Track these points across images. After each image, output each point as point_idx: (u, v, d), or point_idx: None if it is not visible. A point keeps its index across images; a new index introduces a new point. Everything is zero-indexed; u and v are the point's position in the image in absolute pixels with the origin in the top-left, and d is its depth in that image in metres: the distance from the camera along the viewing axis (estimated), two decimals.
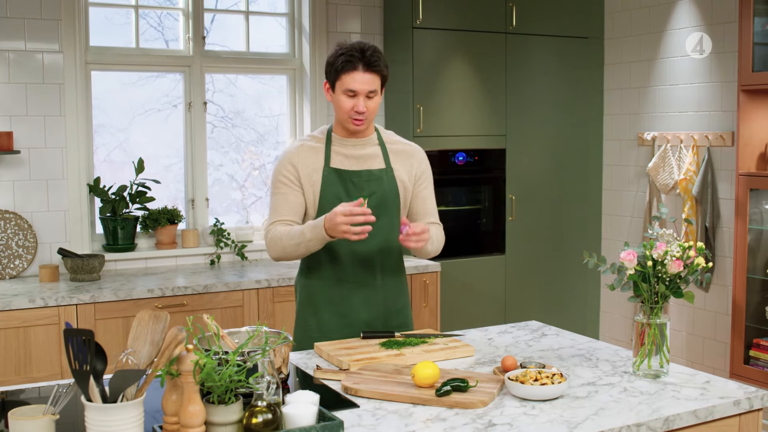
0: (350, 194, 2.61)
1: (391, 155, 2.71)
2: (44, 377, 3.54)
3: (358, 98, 2.55)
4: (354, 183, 2.62)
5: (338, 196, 2.60)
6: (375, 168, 2.67)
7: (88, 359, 1.60)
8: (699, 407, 2.01)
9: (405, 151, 2.74)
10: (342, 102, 2.57)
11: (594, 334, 5.36)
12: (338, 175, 2.63)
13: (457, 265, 4.82)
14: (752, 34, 3.96)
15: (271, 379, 1.75)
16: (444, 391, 2.04)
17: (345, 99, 2.57)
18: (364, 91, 2.55)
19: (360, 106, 2.55)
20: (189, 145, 4.58)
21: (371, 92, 2.56)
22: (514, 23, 4.91)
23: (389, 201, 2.66)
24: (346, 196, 2.61)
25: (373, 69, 2.55)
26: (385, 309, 2.72)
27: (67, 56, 4.13)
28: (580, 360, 2.44)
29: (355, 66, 2.53)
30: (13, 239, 4.04)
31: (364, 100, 2.56)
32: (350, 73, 2.54)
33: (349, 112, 2.57)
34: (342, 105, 2.58)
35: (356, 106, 2.55)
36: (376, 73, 2.56)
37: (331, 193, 2.61)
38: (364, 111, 2.56)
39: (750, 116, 4.06)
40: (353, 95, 2.55)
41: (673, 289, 2.23)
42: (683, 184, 4.57)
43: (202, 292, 3.86)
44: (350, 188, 2.61)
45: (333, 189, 2.60)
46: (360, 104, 2.55)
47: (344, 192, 2.61)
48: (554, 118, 5.14)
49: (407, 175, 2.71)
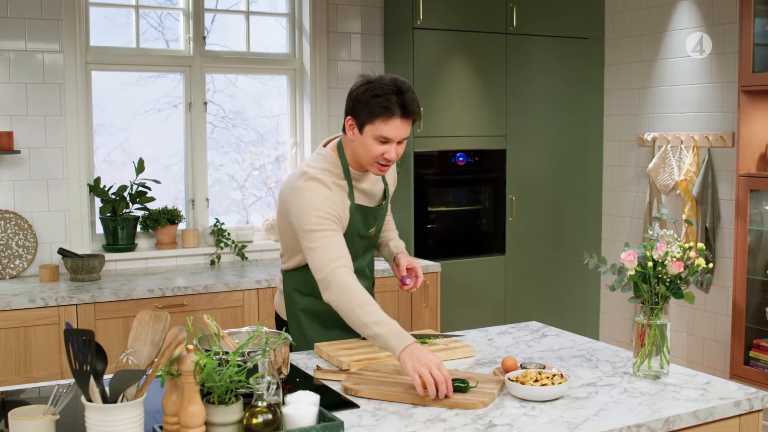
0: (368, 226, 2.60)
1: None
2: (44, 377, 3.54)
3: (391, 145, 2.35)
4: (374, 216, 2.61)
5: (358, 229, 2.55)
6: (382, 192, 2.65)
7: (89, 359, 1.60)
8: (699, 408, 2.01)
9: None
10: (371, 147, 2.35)
11: (594, 334, 5.36)
12: (362, 212, 2.54)
13: (458, 266, 4.82)
14: (753, 35, 3.96)
15: (271, 379, 1.75)
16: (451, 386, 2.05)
17: (376, 145, 2.35)
18: (399, 138, 2.35)
19: (392, 154, 2.36)
20: (189, 145, 4.58)
21: (404, 138, 2.38)
22: (515, 24, 4.91)
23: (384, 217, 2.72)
24: (364, 227, 2.58)
25: (412, 116, 2.35)
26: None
27: (67, 56, 4.13)
28: (581, 361, 2.44)
29: (393, 113, 2.31)
30: (14, 239, 4.04)
31: (395, 147, 2.36)
32: (387, 120, 2.32)
33: (378, 158, 2.37)
34: (371, 150, 2.36)
35: (387, 153, 2.35)
36: (414, 121, 2.38)
37: (354, 228, 2.53)
38: (395, 159, 2.39)
39: (750, 117, 4.06)
40: (385, 142, 2.35)
41: (673, 289, 2.22)
42: (683, 185, 4.57)
43: (202, 293, 3.86)
44: (369, 221, 2.59)
45: (357, 224, 2.54)
46: (392, 152, 2.36)
47: (363, 226, 2.57)
48: (554, 119, 5.14)
49: (392, 185, 2.74)
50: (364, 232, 2.59)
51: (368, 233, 2.61)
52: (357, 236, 2.56)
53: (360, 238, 2.58)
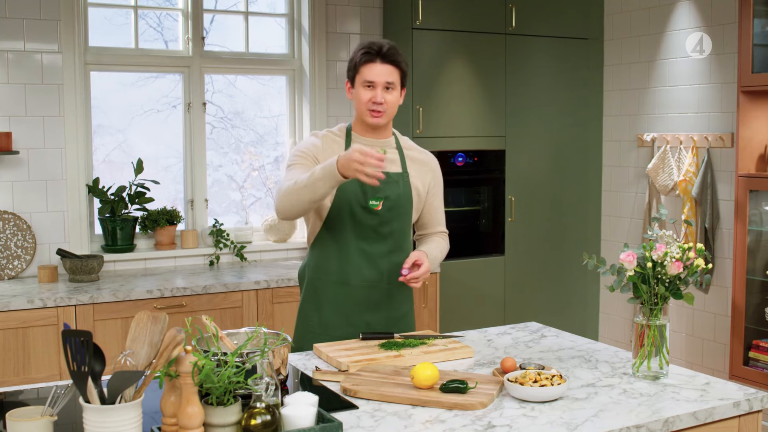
0: (366, 193, 2.60)
1: (407, 161, 2.72)
2: (43, 378, 3.54)
3: (376, 89, 2.59)
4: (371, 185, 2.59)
5: (355, 193, 2.59)
6: (392, 171, 2.67)
7: (87, 360, 1.60)
8: (699, 409, 2.01)
9: (421, 160, 2.77)
10: (361, 94, 2.61)
11: (593, 335, 5.36)
12: None
13: (457, 266, 4.82)
14: (752, 36, 3.96)
15: (270, 380, 1.74)
16: (450, 387, 2.05)
17: (363, 91, 2.60)
18: (381, 81, 2.58)
19: (378, 97, 2.58)
20: (188, 145, 4.58)
21: (389, 84, 2.60)
22: (514, 24, 4.91)
23: (403, 205, 2.67)
24: (362, 196, 2.60)
25: (391, 61, 2.60)
26: (387, 314, 2.72)
27: (66, 56, 4.13)
28: (580, 361, 2.43)
29: (373, 58, 2.59)
30: (12, 240, 4.03)
31: (382, 92, 2.59)
32: (368, 64, 2.59)
33: (367, 103, 2.60)
34: (361, 97, 2.61)
35: (374, 97, 2.58)
36: (394, 65, 2.60)
37: (346, 192, 2.59)
38: (382, 102, 2.59)
39: (749, 117, 4.06)
40: (371, 87, 2.59)
41: (672, 290, 2.22)
42: (683, 186, 4.57)
43: (201, 293, 3.86)
44: (366, 188, 2.60)
45: (349, 188, 2.59)
46: (378, 95, 2.58)
47: (360, 190, 2.60)
48: (554, 119, 5.14)
49: (421, 183, 2.73)
50: (363, 202, 2.60)
51: (370, 205, 2.60)
52: (356, 205, 2.59)
53: (361, 209, 2.60)
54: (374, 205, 2.61)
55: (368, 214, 2.62)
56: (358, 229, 2.63)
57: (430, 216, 2.81)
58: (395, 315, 2.74)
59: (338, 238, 2.63)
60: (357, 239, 2.62)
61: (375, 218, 2.63)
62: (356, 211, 2.61)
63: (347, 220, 2.62)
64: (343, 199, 2.60)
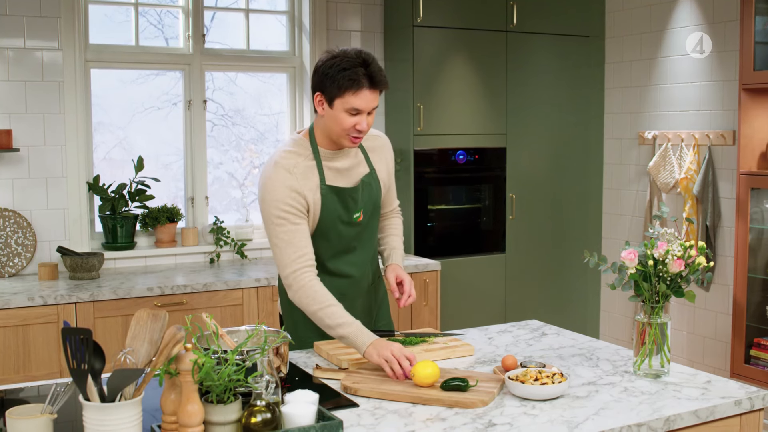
0: (349, 209, 2.53)
1: (369, 154, 2.63)
2: (43, 376, 3.54)
3: (362, 116, 2.40)
4: (353, 198, 2.54)
5: (337, 213, 2.51)
6: (364, 176, 2.58)
7: (86, 358, 1.60)
8: (700, 407, 2.00)
9: (376, 146, 2.65)
10: (342, 120, 2.39)
11: (594, 333, 5.36)
12: (336, 193, 2.51)
13: (457, 264, 4.81)
14: (753, 33, 3.95)
15: (270, 378, 1.74)
16: (451, 385, 2.04)
17: (346, 117, 2.39)
18: (369, 109, 2.40)
19: (363, 125, 2.40)
20: (189, 143, 4.58)
21: (374, 108, 2.44)
22: (515, 21, 4.90)
23: (377, 204, 2.62)
24: (345, 213, 2.53)
25: (380, 86, 2.40)
26: (376, 312, 2.73)
27: (66, 54, 4.12)
28: (581, 359, 2.43)
29: (361, 85, 2.36)
30: (12, 237, 4.03)
31: (366, 118, 2.41)
32: (357, 93, 2.36)
33: (350, 130, 2.41)
34: (342, 123, 2.40)
35: (358, 124, 2.40)
36: (382, 90, 2.43)
37: (331, 211, 2.50)
38: (366, 130, 2.42)
39: (751, 115, 4.06)
40: (356, 114, 2.39)
41: (674, 288, 2.22)
42: (684, 183, 4.56)
43: (201, 291, 3.85)
44: (349, 204, 2.54)
45: (332, 207, 2.51)
46: (363, 122, 2.40)
47: (343, 208, 2.52)
48: (555, 117, 5.14)
49: (386, 172, 2.66)
50: (346, 218, 2.52)
51: (353, 219, 2.53)
52: (339, 222, 2.51)
53: (344, 224, 2.52)
54: (357, 217, 2.55)
55: (352, 226, 2.56)
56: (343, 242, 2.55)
57: (388, 197, 2.71)
58: (377, 313, 2.73)
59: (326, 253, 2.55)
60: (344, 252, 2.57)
61: (357, 227, 2.57)
62: (340, 227, 2.53)
63: (335, 237, 2.54)
64: (329, 218, 2.51)
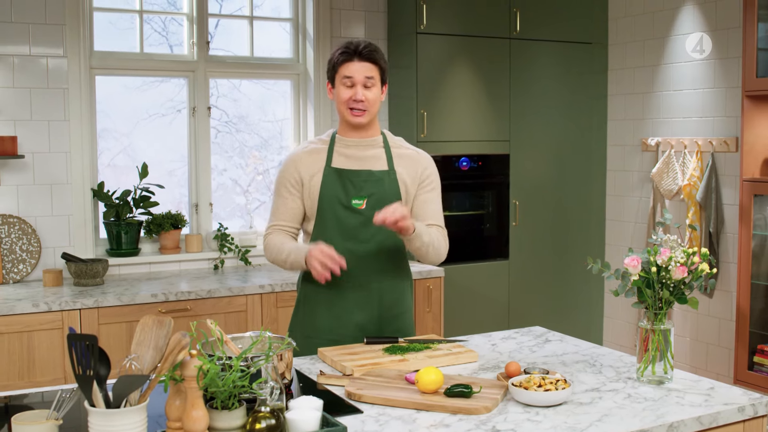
0: (348, 194, 2.60)
1: (395, 159, 2.67)
2: (48, 382, 3.54)
3: (356, 87, 2.58)
4: (353, 183, 2.61)
5: (337, 196, 2.60)
6: (376, 169, 2.64)
7: (92, 364, 1.60)
8: (703, 413, 2.00)
9: (410, 156, 2.70)
10: (341, 92, 2.60)
11: (598, 339, 5.35)
12: (338, 174, 2.62)
13: (461, 271, 4.82)
14: (756, 40, 3.95)
15: (274, 384, 1.74)
16: (454, 392, 2.04)
17: (343, 89, 2.60)
18: (361, 78, 2.57)
19: (358, 95, 2.57)
20: (193, 149, 4.59)
21: (369, 79, 2.58)
22: (518, 29, 4.91)
23: (389, 203, 2.57)
24: (344, 195, 2.60)
25: (368, 59, 2.59)
26: (379, 313, 2.69)
27: (71, 61, 4.14)
28: (584, 366, 2.43)
29: (351, 57, 2.58)
30: (17, 243, 4.04)
31: (362, 89, 2.58)
32: (346, 63, 2.58)
33: (348, 101, 2.59)
34: (341, 95, 2.61)
35: (354, 94, 2.58)
36: (372, 62, 2.59)
37: (329, 194, 2.61)
38: (362, 99, 2.57)
39: (754, 122, 4.06)
40: (351, 84, 2.58)
41: (677, 295, 2.22)
42: (687, 190, 4.56)
43: (205, 297, 3.86)
44: (349, 188, 2.60)
45: (332, 189, 2.60)
46: (358, 92, 2.57)
47: (343, 192, 2.60)
48: (558, 124, 5.14)
49: (410, 179, 2.66)
50: (345, 201, 2.60)
51: (352, 204, 2.60)
52: (338, 204, 2.60)
53: (344, 208, 2.60)
54: (357, 204, 2.60)
55: (352, 213, 2.61)
56: (342, 228, 2.61)
57: (423, 208, 2.67)
58: (388, 314, 2.70)
59: (326, 238, 2.61)
60: (343, 239, 2.60)
61: (359, 217, 2.60)
62: (339, 210, 2.61)
63: (332, 220, 2.61)
64: (327, 200, 2.61)
